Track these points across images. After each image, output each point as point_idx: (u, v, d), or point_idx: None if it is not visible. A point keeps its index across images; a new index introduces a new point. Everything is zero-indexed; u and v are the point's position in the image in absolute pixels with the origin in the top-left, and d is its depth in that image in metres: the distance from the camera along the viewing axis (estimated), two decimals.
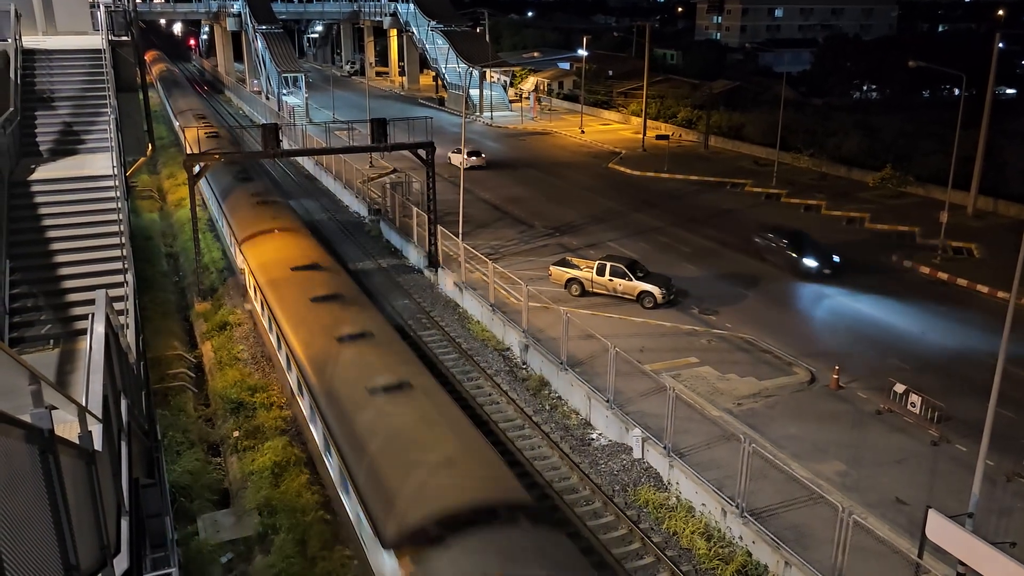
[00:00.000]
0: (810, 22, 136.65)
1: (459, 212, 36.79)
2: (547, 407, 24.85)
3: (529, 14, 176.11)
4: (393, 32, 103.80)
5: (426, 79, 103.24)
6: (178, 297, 34.31)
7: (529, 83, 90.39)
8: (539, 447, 22.82)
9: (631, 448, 22.00)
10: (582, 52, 79.27)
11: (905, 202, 46.47)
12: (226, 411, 24.06)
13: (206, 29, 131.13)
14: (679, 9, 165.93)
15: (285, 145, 38.52)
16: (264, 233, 30.08)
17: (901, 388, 23.23)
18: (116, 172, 18.36)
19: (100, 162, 19.22)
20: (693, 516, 19.41)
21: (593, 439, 23.11)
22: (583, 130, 70.47)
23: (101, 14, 24.70)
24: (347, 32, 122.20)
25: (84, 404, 7.70)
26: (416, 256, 37.63)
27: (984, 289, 32.96)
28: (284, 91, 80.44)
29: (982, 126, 41.45)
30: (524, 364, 27.66)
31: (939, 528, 14.58)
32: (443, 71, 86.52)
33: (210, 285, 34.11)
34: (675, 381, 23.70)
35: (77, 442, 6.66)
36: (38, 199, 17.76)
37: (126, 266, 16.51)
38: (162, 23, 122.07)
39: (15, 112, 19.34)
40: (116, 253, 16.99)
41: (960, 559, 14.44)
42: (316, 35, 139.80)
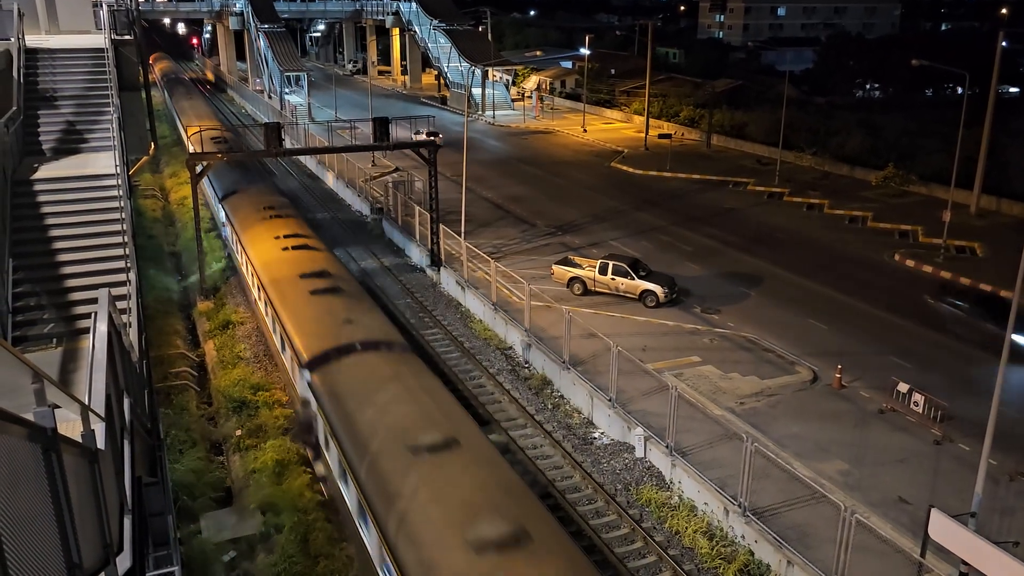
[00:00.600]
0: (813, 21, 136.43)
1: (461, 211, 36.79)
2: (549, 406, 24.85)
3: (531, 13, 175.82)
4: (395, 31, 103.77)
5: (428, 78, 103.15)
6: (181, 296, 34.36)
7: (531, 82, 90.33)
8: (541, 446, 22.82)
9: (633, 447, 21.99)
10: (584, 51, 79.23)
11: (908, 201, 46.42)
12: (229, 410, 24.10)
13: (209, 28, 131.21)
14: (681, 8, 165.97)
15: (287, 144, 38.47)
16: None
17: (904, 387, 23.20)
18: (119, 171, 18.38)
19: (103, 161, 19.25)
20: (695, 515, 19.39)
21: (595, 438, 23.10)
22: (585, 129, 70.41)
23: (104, 13, 24.71)
24: (349, 31, 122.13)
25: (87, 403, 7.71)
26: (418, 255, 37.63)
27: (987, 288, 32.91)
28: (286, 90, 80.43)
29: (985, 125, 41.40)
30: (526, 363, 27.65)
31: (942, 527, 14.55)
32: (445, 70, 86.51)
33: (212, 284, 34.14)
34: (677, 380, 23.69)
35: (80, 440, 6.68)
36: (41, 198, 17.79)
37: (128, 265, 16.53)
38: (165, 22, 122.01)
39: (18, 111, 19.38)
40: (119, 252, 17.01)
41: (963, 559, 14.40)
42: (318, 34, 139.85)
